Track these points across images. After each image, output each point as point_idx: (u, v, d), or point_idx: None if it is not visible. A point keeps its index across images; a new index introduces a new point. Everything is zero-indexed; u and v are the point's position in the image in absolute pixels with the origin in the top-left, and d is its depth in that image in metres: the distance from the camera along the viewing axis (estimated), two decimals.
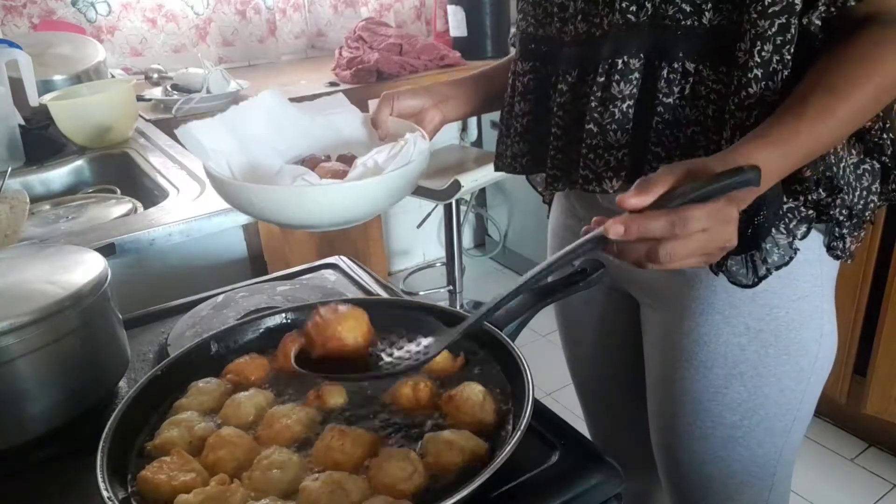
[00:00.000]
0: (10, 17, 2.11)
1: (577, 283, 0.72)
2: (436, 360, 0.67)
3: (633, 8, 0.70)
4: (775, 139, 0.61)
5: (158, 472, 0.54)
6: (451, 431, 0.58)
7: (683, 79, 0.70)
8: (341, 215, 0.73)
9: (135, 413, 0.62)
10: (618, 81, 0.72)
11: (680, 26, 0.69)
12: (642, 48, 0.71)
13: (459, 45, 2.41)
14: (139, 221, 1.03)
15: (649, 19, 0.70)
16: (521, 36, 0.86)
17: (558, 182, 0.80)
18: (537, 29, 0.83)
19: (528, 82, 0.84)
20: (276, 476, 0.55)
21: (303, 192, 0.69)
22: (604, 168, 0.74)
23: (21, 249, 0.89)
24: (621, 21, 0.71)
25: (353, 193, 0.70)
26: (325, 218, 0.72)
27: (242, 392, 0.65)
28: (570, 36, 0.77)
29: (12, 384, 0.63)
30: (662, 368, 0.85)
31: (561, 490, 0.56)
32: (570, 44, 0.77)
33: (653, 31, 0.70)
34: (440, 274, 2.87)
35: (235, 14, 2.45)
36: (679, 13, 0.68)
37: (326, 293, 0.91)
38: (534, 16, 0.83)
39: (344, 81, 2.14)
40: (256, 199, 0.71)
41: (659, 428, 0.90)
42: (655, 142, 0.72)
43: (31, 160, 1.31)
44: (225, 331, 0.74)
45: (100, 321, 0.71)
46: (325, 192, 0.69)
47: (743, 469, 0.84)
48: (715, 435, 0.82)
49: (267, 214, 0.73)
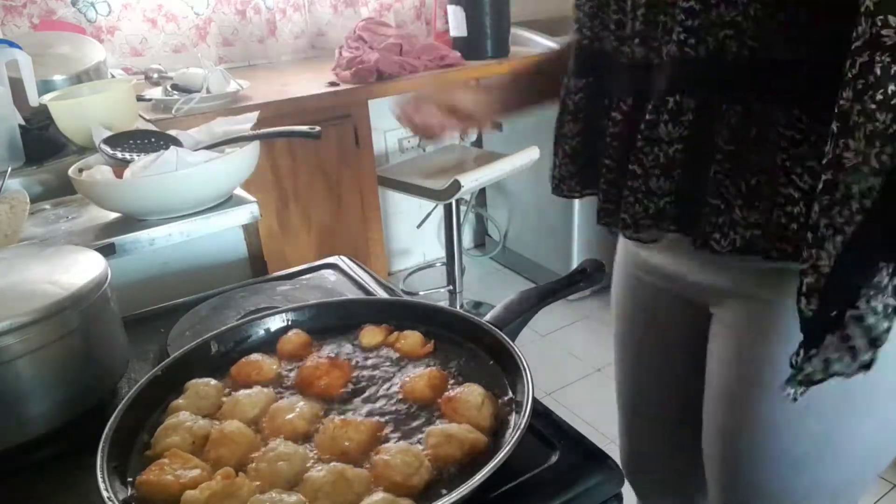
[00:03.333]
0: (10, 17, 2.11)
1: (578, 283, 0.72)
2: (406, 342, 0.70)
3: (692, 41, 0.61)
4: None
5: (162, 474, 0.54)
6: (452, 424, 0.58)
7: (748, 121, 0.61)
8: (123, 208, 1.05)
9: (134, 414, 0.62)
10: (666, 122, 0.64)
11: (745, 64, 0.60)
12: (700, 86, 0.62)
13: (459, 45, 2.41)
14: (139, 221, 1.03)
15: (709, 54, 0.61)
16: (576, 49, 0.77)
17: (609, 217, 0.75)
18: (593, 42, 0.74)
19: (579, 101, 0.77)
20: (283, 468, 0.55)
21: (93, 186, 1.01)
22: (642, 215, 0.68)
23: (21, 249, 0.89)
24: (678, 54, 0.62)
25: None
26: (115, 207, 1.05)
27: (244, 390, 0.65)
28: (627, 58, 0.69)
29: (12, 384, 0.63)
30: (731, 384, 0.79)
31: (561, 490, 0.56)
32: (627, 67, 0.69)
33: (714, 66, 0.61)
34: (440, 274, 2.87)
35: (235, 14, 2.45)
36: (746, 50, 0.59)
37: (326, 293, 0.91)
38: (590, 28, 0.74)
39: (344, 81, 2.14)
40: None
41: (717, 441, 0.84)
42: (713, 192, 0.64)
43: (31, 160, 1.31)
44: (225, 331, 0.74)
45: (100, 321, 0.71)
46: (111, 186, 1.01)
47: (805, 493, 0.79)
48: (781, 459, 0.76)
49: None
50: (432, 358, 0.70)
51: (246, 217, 1.08)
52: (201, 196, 1.05)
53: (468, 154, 2.61)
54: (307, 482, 0.53)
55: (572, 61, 0.79)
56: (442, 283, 2.63)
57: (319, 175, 2.12)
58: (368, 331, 0.74)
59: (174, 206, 1.03)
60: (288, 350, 0.72)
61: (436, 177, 2.27)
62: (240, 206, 1.07)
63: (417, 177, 2.29)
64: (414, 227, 2.85)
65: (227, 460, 0.57)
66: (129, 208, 1.04)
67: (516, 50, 2.50)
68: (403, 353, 0.71)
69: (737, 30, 0.59)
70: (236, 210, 1.07)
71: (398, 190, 2.32)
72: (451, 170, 2.37)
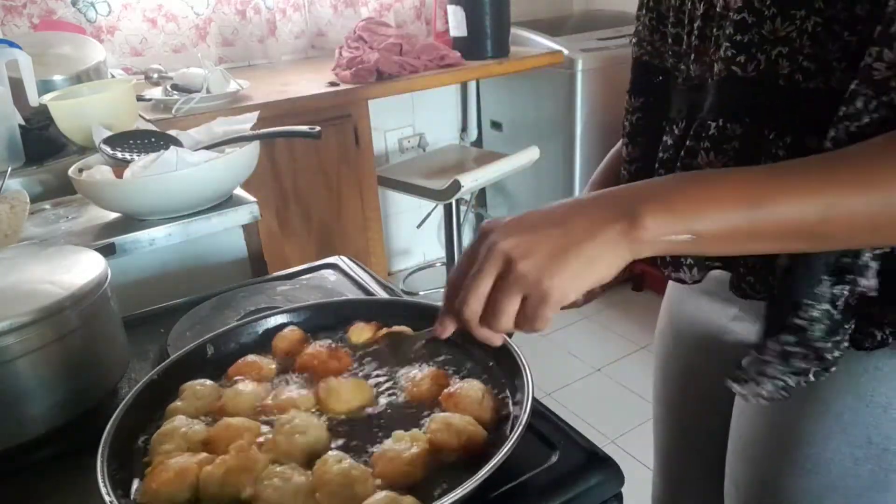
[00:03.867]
0: (10, 17, 2.11)
1: None
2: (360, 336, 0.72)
3: (740, 58, 0.55)
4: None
5: (164, 471, 0.53)
6: (455, 415, 0.59)
7: (798, 155, 0.53)
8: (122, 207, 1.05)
9: (134, 415, 0.62)
10: (707, 150, 0.59)
11: (799, 89, 0.54)
12: (746, 111, 0.57)
13: (459, 45, 2.41)
14: (139, 221, 1.03)
15: (759, 75, 0.55)
16: (634, 65, 0.73)
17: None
18: (653, 58, 0.69)
19: (637, 122, 0.72)
20: (300, 441, 0.56)
21: (93, 186, 1.02)
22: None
23: (21, 249, 0.89)
24: (724, 73, 0.57)
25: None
26: (115, 207, 1.06)
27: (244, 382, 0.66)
28: (683, 76, 0.64)
29: (12, 384, 0.63)
30: (747, 447, 0.74)
31: (561, 490, 0.56)
32: (682, 87, 0.64)
33: (763, 90, 0.55)
34: (440, 274, 2.87)
35: (235, 14, 2.45)
36: (799, 72, 0.53)
37: (326, 293, 0.91)
38: (650, 42, 0.69)
39: (344, 81, 2.14)
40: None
41: (734, 496, 0.79)
42: None
43: (31, 160, 1.31)
44: (223, 332, 0.74)
45: (100, 321, 0.71)
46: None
47: None
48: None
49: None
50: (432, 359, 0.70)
51: (246, 217, 1.08)
52: (201, 196, 1.05)
53: (468, 154, 2.61)
54: (317, 475, 0.53)
55: (631, 77, 0.74)
56: (442, 283, 2.63)
57: (319, 175, 2.12)
58: (357, 328, 0.74)
59: (174, 206, 1.03)
60: (283, 348, 0.72)
61: (436, 177, 2.27)
62: (240, 206, 1.08)
63: (417, 177, 2.29)
64: (414, 227, 2.85)
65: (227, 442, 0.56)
66: (129, 208, 1.04)
67: (516, 50, 2.50)
68: (359, 346, 0.72)
69: (791, 48, 0.53)
70: (236, 210, 1.07)
71: (398, 190, 2.32)
72: (451, 170, 2.37)
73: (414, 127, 2.93)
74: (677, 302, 0.88)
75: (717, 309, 0.79)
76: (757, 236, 0.49)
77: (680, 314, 0.87)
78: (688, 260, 0.64)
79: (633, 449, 1.96)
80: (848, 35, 0.51)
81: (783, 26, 0.53)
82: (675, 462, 0.99)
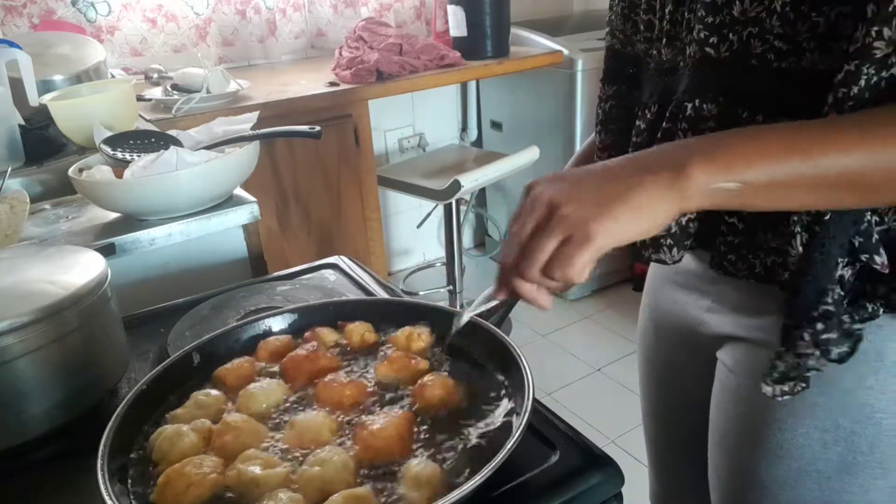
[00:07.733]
0: (10, 17, 2.11)
1: None
2: (354, 335, 0.73)
3: (713, 39, 0.57)
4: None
5: (183, 479, 0.53)
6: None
7: None
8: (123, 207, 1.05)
9: (134, 415, 0.61)
10: (685, 130, 0.60)
11: (771, 68, 0.54)
12: (721, 91, 0.58)
13: (459, 45, 2.41)
14: (139, 221, 1.03)
15: (733, 55, 0.56)
16: (607, 54, 0.74)
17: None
18: (625, 46, 0.71)
19: (609, 110, 0.73)
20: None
21: (93, 186, 1.02)
22: (663, 233, 0.63)
23: (21, 249, 0.89)
24: (698, 54, 0.58)
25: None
26: (115, 207, 1.06)
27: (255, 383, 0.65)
28: (655, 61, 0.65)
29: (12, 384, 0.63)
30: (724, 438, 0.76)
31: (561, 490, 0.56)
32: (654, 72, 0.65)
33: (736, 70, 0.56)
34: (440, 274, 2.87)
35: (235, 14, 2.45)
36: (771, 51, 0.54)
37: (326, 293, 0.91)
38: (622, 31, 0.71)
39: (344, 81, 2.14)
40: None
41: (716, 487, 0.80)
42: (730, 210, 0.60)
43: (31, 160, 1.31)
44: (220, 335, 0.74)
45: (100, 321, 0.71)
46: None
47: None
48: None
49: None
50: (432, 359, 0.70)
51: (246, 217, 1.08)
52: (201, 196, 1.05)
53: (468, 154, 2.61)
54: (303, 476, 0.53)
55: (604, 67, 0.75)
56: (442, 283, 2.63)
57: (319, 175, 2.12)
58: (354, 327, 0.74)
59: (174, 206, 1.03)
60: (266, 357, 0.71)
61: (436, 177, 2.27)
62: (240, 206, 1.08)
63: (417, 177, 2.29)
64: (414, 227, 2.85)
65: (232, 449, 0.57)
66: (129, 208, 1.04)
67: (516, 50, 2.50)
68: (354, 346, 0.72)
69: (761, 27, 0.54)
70: (236, 210, 1.07)
71: (398, 190, 2.32)
72: (451, 170, 2.37)
73: (414, 127, 2.94)
74: (654, 297, 0.89)
75: (691, 301, 0.80)
76: (806, 187, 0.49)
77: (658, 309, 0.88)
78: (667, 241, 0.64)
79: (633, 449, 1.96)
80: (815, 16, 0.52)
81: (752, 6, 0.55)
82: (664, 456, 1.00)
